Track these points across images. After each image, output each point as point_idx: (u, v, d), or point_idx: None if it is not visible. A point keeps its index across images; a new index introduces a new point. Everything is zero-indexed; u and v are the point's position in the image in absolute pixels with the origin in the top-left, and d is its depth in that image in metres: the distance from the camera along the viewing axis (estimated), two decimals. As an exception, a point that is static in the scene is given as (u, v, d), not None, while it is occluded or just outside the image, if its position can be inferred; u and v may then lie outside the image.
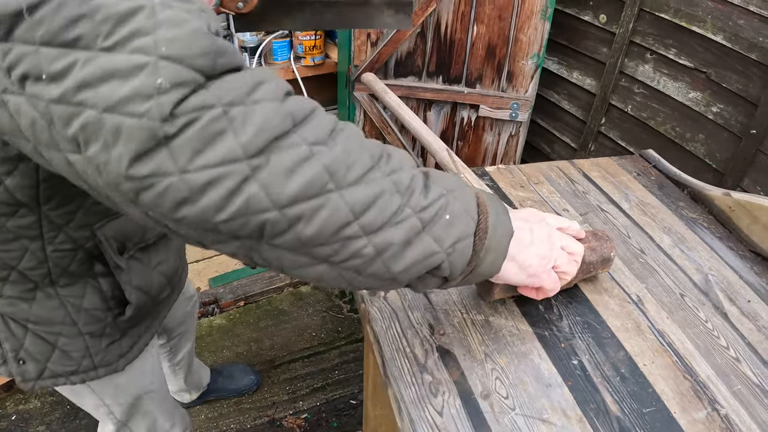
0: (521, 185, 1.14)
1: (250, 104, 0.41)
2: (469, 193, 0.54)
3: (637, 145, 1.82)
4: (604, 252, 0.83)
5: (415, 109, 2.07)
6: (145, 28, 0.40)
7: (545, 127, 2.17)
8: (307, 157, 0.42)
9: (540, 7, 1.80)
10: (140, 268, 0.87)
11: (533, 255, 0.63)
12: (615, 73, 1.81)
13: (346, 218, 0.44)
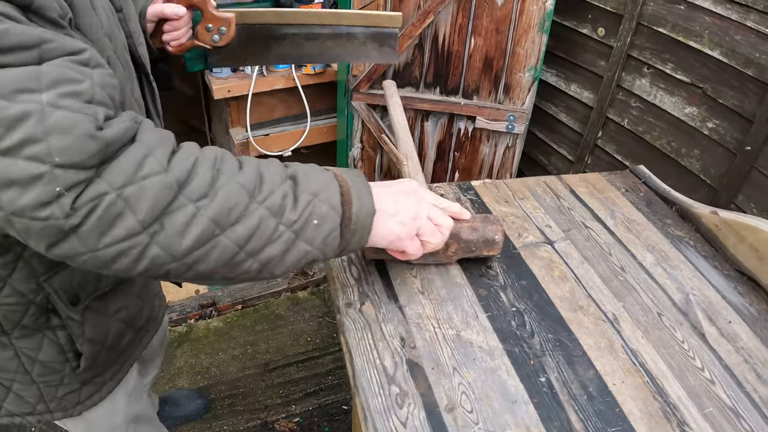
0: (506, 200, 1.14)
1: (140, 181, 0.48)
2: (333, 190, 0.61)
3: (633, 158, 1.82)
4: (487, 233, 0.87)
5: (413, 120, 2.08)
6: (36, 136, 0.44)
7: (543, 139, 2.17)
8: (194, 214, 0.51)
9: (537, 21, 1.81)
10: (97, 319, 0.84)
11: (396, 223, 0.70)
12: (612, 87, 1.81)
13: (233, 251, 0.54)
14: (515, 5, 1.79)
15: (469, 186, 1.18)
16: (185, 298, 2.57)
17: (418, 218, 0.72)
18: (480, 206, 1.12)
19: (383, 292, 0.88)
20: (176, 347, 2.40)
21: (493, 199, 1.15)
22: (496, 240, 0.87)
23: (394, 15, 1.05)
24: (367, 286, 0.89)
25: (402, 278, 0.91)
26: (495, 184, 1.20)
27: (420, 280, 0.91)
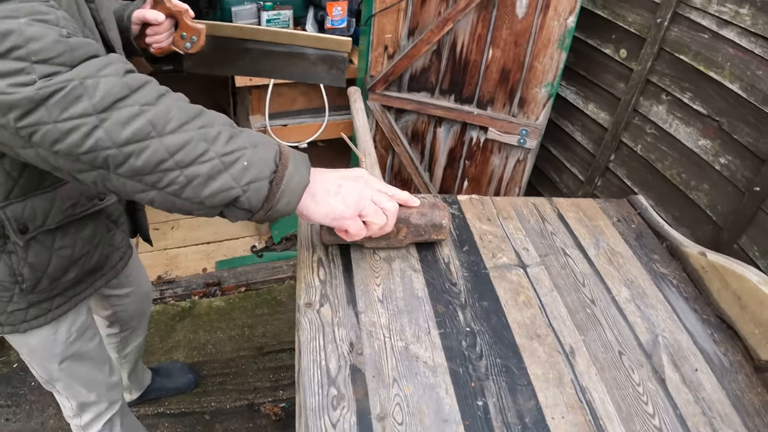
0: (488, 218, 1.15)
1: (100, 77, 0.61)
2: (272, 151, 0.70)
3: (642, 185, 1.78)
4: (434, 218, 0.95)
5: (425, 125, 2.08)
6: (18, 44, 0.60)
7: (556, 156, 2.14)
8: (137, 113, 0.62)
9: (557, 37, 1.78)
10: (39, 249, 0.96)
11: (338, 202, 0.78)
12: (629, 111, 1.77)
13: (163, 156, 0.62)
14: (536, 19, 1.78)
15: (454, 200, 1.18)
16: (192, 274, 2.64)
17: (361, 200, 0.80)
18: (460, 221, 1.12)
19: (344, 296, 0.90)
20: (177, 321, 2.47)
21: (476, 215, 1.15)
22: (443, 225, 0.96)
23: (344, 40, 1.14)
24: (330, 289, 0.91)
25: (365, 285, 0.92)
26: (481, 201, 1.20)
27: (382, 288, 0.92)
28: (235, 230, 2.90)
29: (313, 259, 0.97)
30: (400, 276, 0.95)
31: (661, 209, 1.73)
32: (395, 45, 1.93)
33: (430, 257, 1.00)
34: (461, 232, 1.08)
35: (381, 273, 0.95)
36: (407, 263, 0.98)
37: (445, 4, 1.82)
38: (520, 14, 1.79)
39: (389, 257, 0.99)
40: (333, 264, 0.96)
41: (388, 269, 0.96)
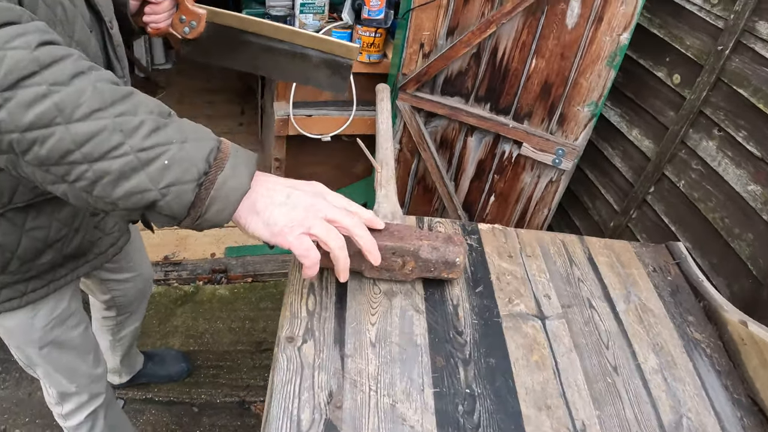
0: (509, 254, 1.02)
1: (6, 49, 0.52)
2: (204, 148, 0.60)
3: (680, 225, 1.63)
4: (448, 255, 0.85)
5: (456, 132, 1.95)
6: None
7: (592, 180, 1.99)
8: (44, 94, 0.53)
9: (608, 54, 1.64)
10: (9, 228, 0.91)
11: (281, 214, 0.66)
12: (676, 142, 1.62)
13: (69, 146, 0.54)
14: (586, 32, 1.63)
15: (475, 229, 1.07)
16: (200, 258, 2.58)
17: (311, 214, 0.68)
18: (477, 255, 1.00)
19: (332, 333, 0.80)
20: (179, 305, 2.41)
21: (496, 249, 1.03)
22: (456, 263, 0.86)
23: (352, 46, 1.05)
24: (317, 323, 0.81)
25: (358, 323, 0.82)
26: (505, 233, 1.08)
27: (377, 329, 0.81)
28: (248, 216, 2.82)
29: (304, 284, 0.87)
30: (400, 316, 0.84)
31: (697, 253, 1.58)
32: (432, 44, 1.80)
33: (438, 296, 0.89)
34: (477, 269, 0.96)
35: (378, 310, 0.84)
36: (410, 300, 0.87)
37: (489, 5, 1.68)
38: (570, 24, 1.64)
39: (390, 291, 0.88)
40: (326, 292, 0.86)
41: (387, 306, 0.85)
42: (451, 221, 1.07)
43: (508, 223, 2.07)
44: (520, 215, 2.03)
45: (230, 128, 3.42)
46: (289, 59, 1.02)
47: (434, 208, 2.18)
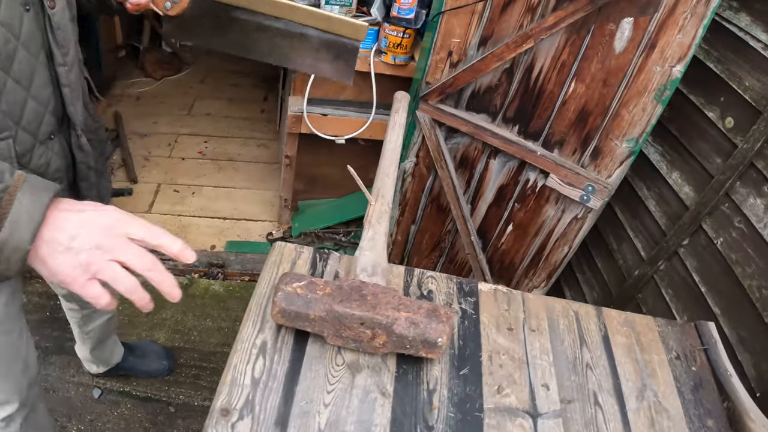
0: (510, 326, 0.87)
1: None
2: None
3: (712, 287, 1.45)
4: (428, 333, 0.71)
5: (479, 152, 1.79)
6: None
7: (620, 220, 1.81)
8: None
9: (656, 86, 1.45)
10: None
11: (65, 262, 0.60)
12: (720, 194, 1.43)
13: None
14: (635, 59, 1.44)
15: (473, 290, 0.91)
16: (199, 250, 2.47)
17: (95, 258, 0.60)
18: (470, 324, 0.85)
19: (275, 412, 0.66)
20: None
21: (495, 318, 0.87)
22: (438, 343, 0.72)
23: (359, 25, 0.89)
24: (260, 395, 0.67)
25: (309, 401, 0.68)
26: (509, 297, 0.92)
27: (329, 413, 0.67)
28: (256, 211, 2.71)
29: (256, 341, 0.74)
30: (361, 398, 0.70)
31: (726, 322, 1.39)
32: (461, 53, 1.64)
33: (411, 376, 0.74)
34: (466, 344, 0.82)
35: (336, 387, 0.70)
36: (377, 379, 0.73)
37: (529, 16, 1.51)
38: (617, 48, 1.46)
39: (356, 364, 0.74)
40: (279, 355, 0.73)
41: (349, 382, 0.71)
42: (446, 278, 0.92)
43: (524, 256, 1.91)
44: (538, 249, 1.86)
45: (251, 114, 3.30)
46: (286, 40, 0.88)
47: (447, 229, 2.02)
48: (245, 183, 2.85)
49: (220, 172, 2.89)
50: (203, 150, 3.00)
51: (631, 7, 1.40)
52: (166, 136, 3.05)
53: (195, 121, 3.18)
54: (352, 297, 0.73)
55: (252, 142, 3.11)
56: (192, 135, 3.09)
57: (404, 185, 2.01)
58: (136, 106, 3.20)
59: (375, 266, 0.85)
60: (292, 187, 2.47)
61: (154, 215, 2.61)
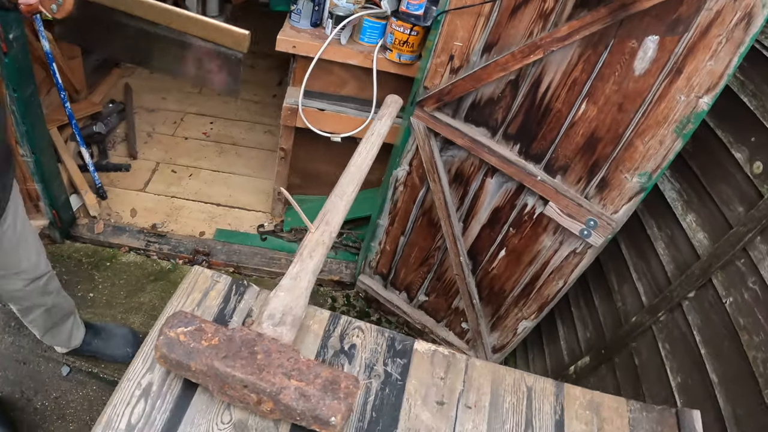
0: (441, 399, 0.73)
1: None
2: None
3: (712, 349, 1.27)
4: (320, 410, 0.60)
5: (475, 169, 1.63)
6: None
7: (624, 258, 1.63)
8: None
9: (679, 117, 1.27)
10: None
11: None
12: (737, 247, 1.25)
13: None
14: (658, 83, 1.27)
15: (406, 349, 0.77)
16: (187, 235, 2.39)
17: None
18: (392, 393, 0.72)
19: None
20: (151, 281, 2.23)
21: (425, 387, 0.74)
22: (331, 423, 0.60)
23: (239, 34, 0.80)
24: None
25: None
26: (449, 362, 0.78)
27: None
28: (251, 200, 2.60)
29: (142, 381, 0.63)
30: None
31: (722, 392, 1.22)
32: (464, 58, 1.48)
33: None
34: (380, 417, 0.68)
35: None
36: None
37: (540, 24, 1.34)
38: (638, 70, 1.28)
39: (243, 424, 0.62)
40: (162, 401, 0.62)
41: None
42: (378, 331, 0.79)
43: (515, 284, 1.75)
44: (531, 279, 1.70)
45: (262, 98, 3.20)
46: (169, 48, 0.81)
47: (436, 245, 1.87)
48: (245, 169, 2.75)
49: (221, 155, 2.80)
50: (208, 131, 2.91)
51: (658, 23, 1.22)
52: (172, 114, 2.97)
53: (204, 101, 3.09)
54: (240, 354, 0.61)
55: (259, 128, 3.00)
56: (199, 115, 3.00)
57: (395, 194, 1.87)
58: (148, 80, 3.12)
59: (286, 313, 0.72)
60: (287, 181, 2.35)
61: (149, 194, 2.54)
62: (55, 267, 2.18)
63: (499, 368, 0.81)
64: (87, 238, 2.28)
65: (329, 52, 1.85)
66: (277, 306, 0.73)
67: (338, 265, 2.38)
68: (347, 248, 2.44)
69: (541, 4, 1.31)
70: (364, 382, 0.73)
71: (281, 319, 0.71)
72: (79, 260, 2.24)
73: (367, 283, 2.22)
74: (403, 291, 2.14)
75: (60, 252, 2.24)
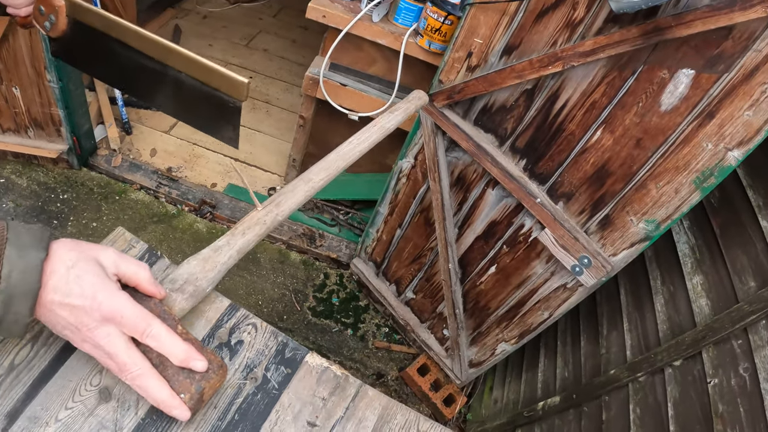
0: (314, 421, 0.67)
1: None
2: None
3: (680, 428, 1.14)
4: (171, 383, 0.57)
5: (478, 177, 1.52)
6: None
7: (621, 303, 1.49)
8: None
9: (701, 167, 1.12)
10: None
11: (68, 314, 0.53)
12: (736, 326, 1.10)
13: None
14: (684, 124, 1.11)
15: (295, 359, 0.71)
16: (198, 184, 2.39)
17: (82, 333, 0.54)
18: (264, 400, 0.66)
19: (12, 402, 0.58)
20: (154, 222, 2.25)
21: (300, 403, 0.67)
22: (181, 398, 0.58)
23: (239, 82, 0.72)
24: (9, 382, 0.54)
25: (45, 408, 0.56)
26: (338, 384, 0.71)
27: (56, 429, 0.55)
28: (269, 161, 2.57)
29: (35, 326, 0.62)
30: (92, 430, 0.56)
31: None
32: (482, 57, 1.36)
33: (155, 429, 0.57)
34: (240, 422, 0.63)
35: (76, 408, 0.59)
36: (118, 416, 0.60)
37: (566, 34, 1.20)
38: (664, 104, 1.13)
39: (108, 391, 0.62)
40: (46, 349, 0.64)
41: (90, 408, 0.62)
42: (273, 333, 0.73)
43: (501, 304, 1.64)
44: (517, 303, 1.59)
45: (306, 61, 3.14)
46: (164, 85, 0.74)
47: (430, 245, 1.78)
48: (271, 129, 2.71)
49: (251, 111, 2.77)
50: (244, 84, 2.88)
51: (696, 56, 1.07)
52: (215, 61, 2.94)
53: (249, 54, 3.06)
54: None
55: (296, 90, 2.95)
56: (240, 67, 2.98)
57: (398, 185, 1.78)
58: (198, 25, 3.12)
59: (188, 282, 0.67)
60: (304, 149, 2.30)
61: (172, 137, 2.55)
62: (66, 192, 2.24)
63: (393, 404, 0.73)
64: (103, 170, 2.32)
65: (359, 27, 1.76)
66: (182, 272, 0.68)
67: (339, 243, 2.33)
68: (351, 228, 2.37)
69: (570, 12, 1.17)
70: (238, 382, 0.68)
71: (181, 287, 0.66)
72: (91, 189, 2.28)
73: (360, 267, 2.16)
74: (393, 284, 2.07)
75: (75, 178, 2.29)
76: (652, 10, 1.05)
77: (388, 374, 2.08)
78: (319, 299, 2.21)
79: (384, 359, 2.12)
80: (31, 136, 2.19)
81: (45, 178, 2.25)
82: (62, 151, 2.21)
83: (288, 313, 2.14)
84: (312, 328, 2.12)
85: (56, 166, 2.27)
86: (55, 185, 2.24)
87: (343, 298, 2.24)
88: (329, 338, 2.11)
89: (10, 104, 2.05)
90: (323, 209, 2.39)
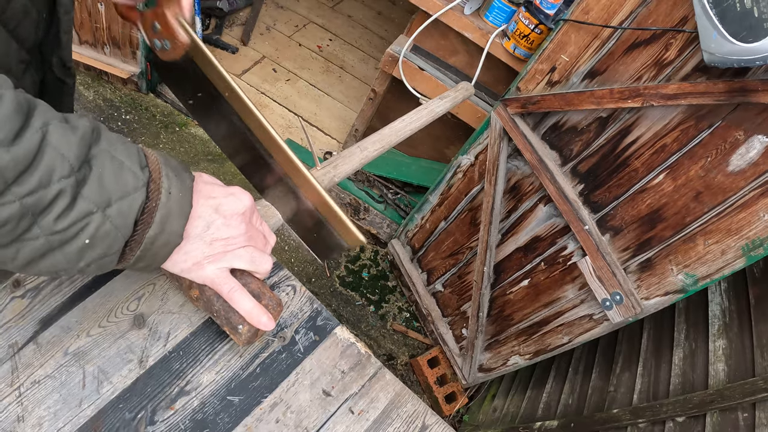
0: (329, 391, 0.72)
1: None
2: (132, 204, 0.48)
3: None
4: (233, 313, 0.61)
5: (533, 190, 1.53)
6: None
7: (640, 346, 1.49)
8: None
9: (752, 236, 1.11)
10: None
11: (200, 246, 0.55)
12: (746, 398, 1.10)
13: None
14: (747, 189, 1.10)
15: (325, 329, 0.77)
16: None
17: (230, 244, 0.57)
18: (286, 361, 0.72)
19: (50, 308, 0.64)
20: (208, 160, 2.35)
21: (320, 371, 0.73)
22: (239, 330, 0.62)
23: (356, 237, 0.65)
24: (50, 289, 0.63)
25: (79, 322, 0.63)
26: (360, 361, 0.76)
27: (84, 343, 0.64)
28: (332, 125, 2.63)
29: None
30: (119, 352, 0.65)
31: None
32: (565, 74, 1.36)
33: (179, 365, 0.65)
34: (261, 375, 0.69)
35: (109, 329, 0.65)
36: (146, 344, 0.65)
37: (653, 72, 1.20)
38: (732, 165, 1.12)
39: (143, 318, 0.68)
40: None
41: (122, 331, 0.67)
42: (309, 299, 0.78)
43: (524, 318, 1.67)
44: (540, 321, 1.62)
45: (388, 35, 3.16)
46: (269, 178, 0.68)
47: (470, 245, 1.81)
48: (340, 95, 2.76)
49: (324, 73, 2.82)
50: (323, 46, 2.93)
51: (779, 125, 1.05)
52: (298, 17, 3.00)
53: (333, 17, 3.10)
54: None
55: (372, 62, 2.98)
56: (322, 28, 3.02)
57: (453, 178, 1.81)
58: (291, -24, 3.17)
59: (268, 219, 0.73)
60: (368, 122, 2.34)
61: (242, 82, 2.63)
62: (129, 113, 2.34)
63: (405, 392, 0.78)
64: (169, 99, 2.42)
65: (449, 16, 1.77)
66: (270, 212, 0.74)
67: (382, 220, 2.38)
68: (397, 208, 2.42)
69: (661, 51, 1.16)
70: (267, 338, 0.74)
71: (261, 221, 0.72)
72: (154, 115, 2.39)
73: (397, 249, 2.21)
74: (425, 272, 2.11)
75: (141, 101, 2.40)
76: (743, 69, 1.04)
77: (398, 358, 2.14)
78: (350, 270, 2.28)
79: (398, 343, 2.18)
80: (106, 53, 2.29)
81: (111, 95, 2.36)
82: (134, 73, 2.31)
83: (317, 276, 2.22)
84: (337, 297, 2.20)
85: (125, 87, 2.37)
86: (120, 104, 2.35)
87: (373, 275, 2.30)
88: (350, 310, 2.19)
89: (93, 18, 2.14)
90: (374, 184, 2.44)
